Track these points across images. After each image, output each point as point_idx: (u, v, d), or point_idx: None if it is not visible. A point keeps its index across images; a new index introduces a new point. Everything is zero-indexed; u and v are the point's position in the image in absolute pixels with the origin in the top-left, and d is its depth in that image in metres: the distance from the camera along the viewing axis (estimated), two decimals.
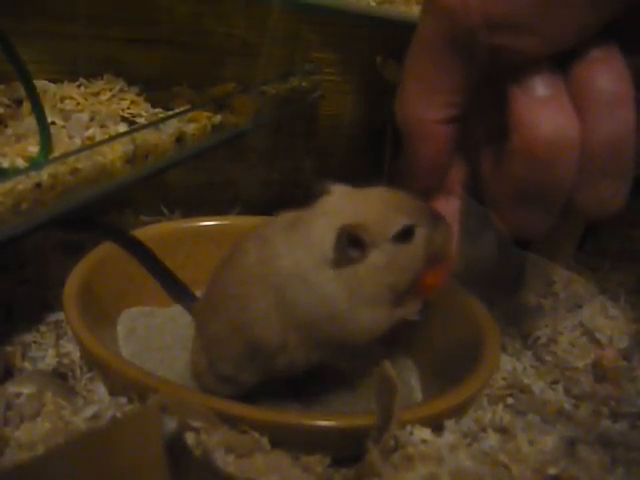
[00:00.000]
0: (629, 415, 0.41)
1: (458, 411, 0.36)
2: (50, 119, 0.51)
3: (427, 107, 0.34)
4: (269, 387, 0.40)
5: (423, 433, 0.33)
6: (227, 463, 0.32)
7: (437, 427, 0.34)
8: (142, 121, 0.55)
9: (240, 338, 0.37)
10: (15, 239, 0.40)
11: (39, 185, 0.41)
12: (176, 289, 0.48)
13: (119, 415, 0.35)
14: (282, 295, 0.36)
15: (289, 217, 0.38)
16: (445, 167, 0.37)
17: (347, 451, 0.34)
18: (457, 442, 0.34)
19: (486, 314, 0.43)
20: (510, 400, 0.42)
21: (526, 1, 0.29)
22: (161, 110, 0.58)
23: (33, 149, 0.47)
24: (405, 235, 0.36)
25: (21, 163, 0.45)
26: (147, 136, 0.49)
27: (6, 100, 0.55)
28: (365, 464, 0.31)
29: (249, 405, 0.35)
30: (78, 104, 0.57)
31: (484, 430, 0.37)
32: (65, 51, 0.62)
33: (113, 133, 0.51)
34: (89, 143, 0.49)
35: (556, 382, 0.45)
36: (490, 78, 0.32)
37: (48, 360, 0.43)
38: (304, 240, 0.36)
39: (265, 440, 0.33)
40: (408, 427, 0.33)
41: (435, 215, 0.37)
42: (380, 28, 0.56)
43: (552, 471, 0.33)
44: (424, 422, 0.34)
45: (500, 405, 0.41)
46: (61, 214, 0.43)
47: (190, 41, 0.64)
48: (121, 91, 0.60)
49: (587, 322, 0.50)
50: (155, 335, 0.45)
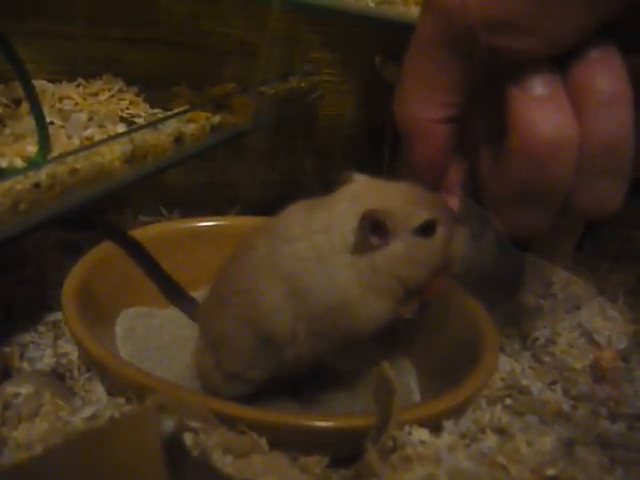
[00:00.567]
0: (628, 416, 0.41)
1: (456, 412, 0.36)
2: (49, 119, 0.51)
3: (425, 106, 0.34)
4: (269, 388, 0.40)
5: (421, 434, 0.33)
6: (225, 464, 0.31)
7: (435, 428, 0.34)
8: (141, 121, 0.55)
9: (250, 333, 0.37)
10: (13, 239, 0.40)
11: (37, 185, 0.41)
12: (172, 291, 0.48)
13: (117, 415, 0.35)
14: (293, 282, 0.36)
15: (304, 204, 0.38)
16: (443, 166, 0.37)
17: (345, 452, 0.34)
18: (455, 443, 0.34)
19: (485, 315, 0.43)
20: (508, 401, 0.42)
21: (524, 1, 0.29)
22: (160, 110, 0.58)
23: (32, 149, 0.47)
24: (427, 229, 0.36)
25: (19, 163, 0.45)
26: (146, 136, 0.49)
27: (5, 100, 0.55)
28: (363, 465, 0.31)
29: (247, 405, 0.35)
30: (77, 104, 0.57)
31: (482, 431, 0.37)
32: (64, 51, 0.62)
33: (112, 133, 0.51)
34: (88, 143, 0.49)
35: (554, 383, 0.45)
36: (489, 78, 0.32)
37: (46, 360, 0.43)
38: (323, 224, 0.36)
39: (263, 441, 0.33)
40: (406, 428, 0.33)
41: (454, 216, 0.37)
42: (379, 28, 0.56)
43: (550, 472, 0.33)
44: (422, 423, 0.34)
45: (498, 406, 0.41)
46: (60, 214, 0.43)
47: (189, 41, 0.64)
48: (120, 91, 0.60)
49: (586, 323, 0.50)
50: (154, 335, 0.45)
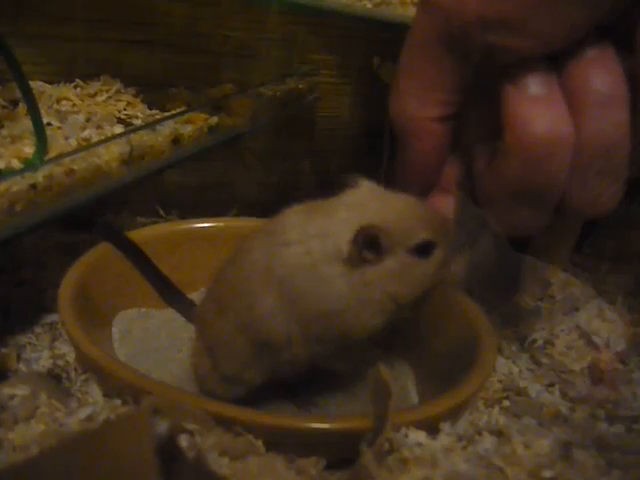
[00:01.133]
0: (625, 418, 0.41)
1: (453, 414, 0.36)
2: (46, 120, 0.51)
3: (421, 105, 0.34)
4: (266, 390, 0.40)
5: (418, 436, 0.33)
6: (221, 466, 0.31)
7: (432, 430, 0.34)
8: (138, 122, 0.55)
9: (246, 336, 0.37)
10: (9, 240, 0.40)
11: (34, 186, 0.40)
12: (169, 293, 0.48)
13: (113, 417, 0.35)
14: (287, 286, 0.36)
15: (303, 208, 0.38)
16: (439, 165, 0.37)
17: (342, 454, 0.34)
18: (452, 445, 0.34)
19: (482, 316, 0.42)
20: (506, 403, 0.42)
21: (519, 0, 0.29)
22: (158, 111, 0.58)
23: (29, 150, 0.47)
24: (423, 250, 0.36)
25: (16, 164, 0.45)
26: (143, 137, 0.49)
27: (2, 101, 0.55)
28: (359, 467, 0.31)
29: (243, 407, 0.35)
30: (74, 105, 0.57)
31: (479, 433, 0.37)
32: (62, 52, 0.62)
33: (109, 134, 0.51)
34: (85, 144, 0.48)
35: (552, 385, 0.45)
36: (485, 76, 0.32)
37: (43, 362, 0.42)
38: (320, 230, 0.36)
39: (259, 443, 0.33)
40: (403, 430, 0.33)
41: (450, 238, 0.37)
42: (377, 30, 0.56)
43: (547, 474, 0.33)
44: (419, 425, 0.34)
45: (496, 408, 0.41)
46: (57, 215, 0.43)
47: (187, 43, 0.64)
48: (118, 92, 0.60)
49: (584, 325, 0.50)
50: (150, 337, 0.45)
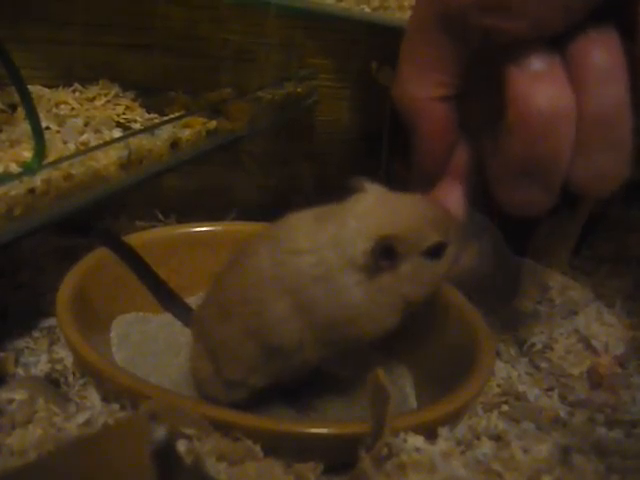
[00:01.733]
0: (625, 423, 0.41)
1: (452, 418, 0.36)
2: (45, 124, 0.51)
3: (421, 85, 0.35)
4: (265, 394, 0.40)
5: (416, 441, 0.33)
6: (219, 471, 0.31)
7: (431, 435, 0.34)
8: (137, 126, 0.55)
9: (255, 342, 0.37)
10: (8, 244, 0.40)
11: (32, 190, 0.40)
12: (166, 297, 0.47)
13: (111, 422, 0.35)
14: (301, 296, 0.36)
15: (313, 213, 0.37)
16: (446, 148, 0.37)
17: (340, 459, 0.34)
18: (450, 450, 0.34)
19: (481, 320, 0.42)
20: (505, 407, 0.42)
21: None
22: (156, 115, 0.58)
23: (27, 154, 0.46)
24: (436, 251, 0.36)
25: (15, 168, 0.45)
26: (142, 141, 0.49)
27: (0, 105, 0.55)
28: (357, 472, 0.31)
29: (242, 412, 0.35)
30: (73, 109, 0.57)
31: (478, 438, 0.37)
32: (61, 56, 0.62)
33: (108, 138, 0.50)
34: (83, 148, 0.48)
35: (551, 389, 0.44)
36: (488, 59, 0.32)
37: (41, 366, 0.42)
38: (332, 240, 0.35)
39: (257, 447, 0.33)
40: (401, 434, 0.33)
41: (460, 233, 0.37)
42: (375, 34, 0.56)
43: (546, 479, 0.33)
44: (417, 430, 0.34)
45: (495, 412, 0.41)
46: (55, 220, 0.43)
47: (186, 47, 0.64)
48: (116, 96, 0.60)
49: (583, 329, 0.50)
50: (149, 341, 0.45)
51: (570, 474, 0.34)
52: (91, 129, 0.53)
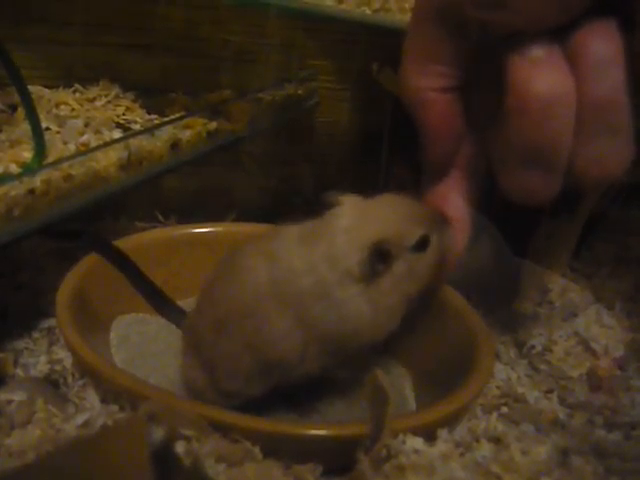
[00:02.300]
0: (624, 425, 0.41)
1: (451, 420, 0.36)
2: (45, 125, 0.51)
3: (422, 76, 0.35)
4: (265, 397, 0.39)
5: (415, 443, 0.33)
6: (218, 472, 0.31)
7: (430, 436, 0.34)
8: (137, 127, 0.55)
9: (254, 356, 0.37)
10: (8, 245, 0.40)
11: (32, 191, 0.40)
12: (159, 301, 0.47)
13: (110, 423, 0.35)
14: (303, 313, 0.36)
15: (299, 230, 0.38)
16: (452, 138, 0.37)
17: (339, 460, 0.34)
18: (450, 452, 0.34)
19: (481, 322, 0.42)
20: (504, 409, 0.42)
21: None
22: (156, 116, 0.58)
23: (27, 155, 0.46)
24: (422, 244, 0.37)
25: (15, 169, 0.45)
26: (142, 142, 0.49)
27: (1, 105, 0.55)
28: (356, 474, 0.31)
29: (241, 413, 0.35)
30: (73, 110, 0.57)
31: (477, 440, 0.37)
32: (61, 57, 0.62)
33: (108, 139, 0.50)
34: (83, 149, 0.48)
35: (551, 391, 0.44)
36: (490, 50, 0.33)
37: (40, 367, 0.42)
38: (325, 257, 0.36)
39: (256, 449, 0.33)
40: (400, 436, 0.33)
41: (441, 219, 0.37)
42: (376, 36, 0.56)
43: None
44: (416, 431, 0.34)
45: (494, 414, 0.41)
46: (55, 220, 0.42)
47: (186, 47, 0.64)
48: (116, 97, 0.60)
49: (582, 331, 0.50)
50: (148, 342, 0.45)
51: (569, 476, 0.34)
52: (91, 130, 0.53)
